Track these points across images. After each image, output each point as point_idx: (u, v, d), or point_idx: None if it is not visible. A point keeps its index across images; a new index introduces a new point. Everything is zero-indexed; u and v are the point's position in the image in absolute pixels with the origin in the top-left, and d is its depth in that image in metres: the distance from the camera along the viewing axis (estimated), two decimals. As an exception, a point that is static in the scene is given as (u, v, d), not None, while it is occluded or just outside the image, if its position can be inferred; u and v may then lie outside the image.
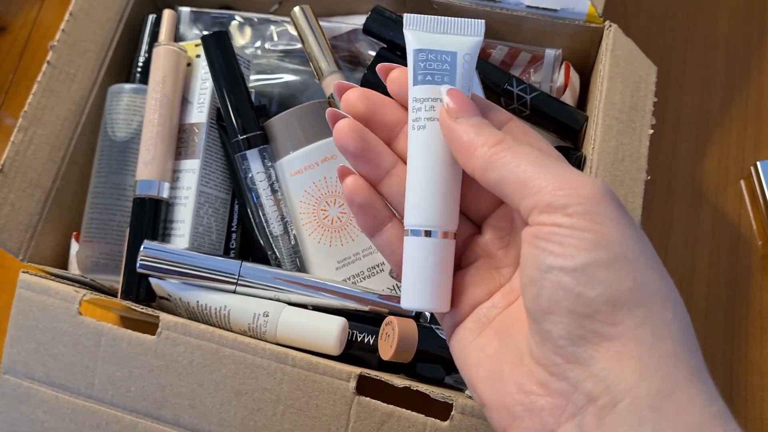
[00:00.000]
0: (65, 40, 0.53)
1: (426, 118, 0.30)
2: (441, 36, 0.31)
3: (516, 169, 0.27)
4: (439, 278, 0.30)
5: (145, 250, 0.45)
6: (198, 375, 0.43)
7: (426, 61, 0.31)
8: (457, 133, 0.29)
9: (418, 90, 0.31)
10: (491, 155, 0.28)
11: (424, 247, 0.30)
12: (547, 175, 0.26)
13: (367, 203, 0.32)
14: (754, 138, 0.61)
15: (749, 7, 0.67)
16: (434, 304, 0.31)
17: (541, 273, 0.26)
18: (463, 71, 0.31)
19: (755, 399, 0.53)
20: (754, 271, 0.57)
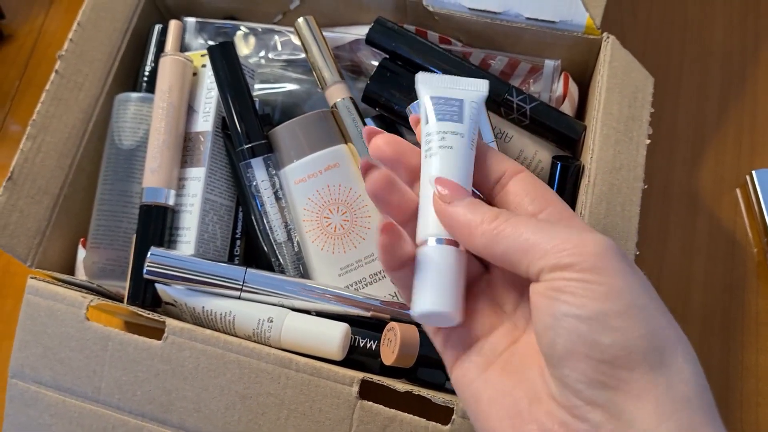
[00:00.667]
0: (73, 49, 0.54)
1: (438, 147, 0.33)
2: (450, 89, 0.35)
3: (518, 239, 0.28)
4: (451, 283, 0.31)
5: (152, 257, 0.46)
6: (203, 379, 0.44)
7: (437, 105, 0.34)
8: (454, 215, 0.31)
9: (429, 126, 0.34)
10: (491, 230, 0.29)
11: (437, 254, 0.31)
12: (549, 239, 0.28)
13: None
14: (750, 147, 0.62)
15: (744, 18, 0.68)
16: (446, 307, 0.31)
17: (556, 320, 0.27)
18: (471, 114, 0.34)
19: (750, 404, 0.53)
20: (749, 278, 0.58)
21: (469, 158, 0.33)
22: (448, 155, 0.33)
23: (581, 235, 0.28)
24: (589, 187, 0.47)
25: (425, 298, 0.31)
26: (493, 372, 0.31)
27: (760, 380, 0.54)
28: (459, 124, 0.34)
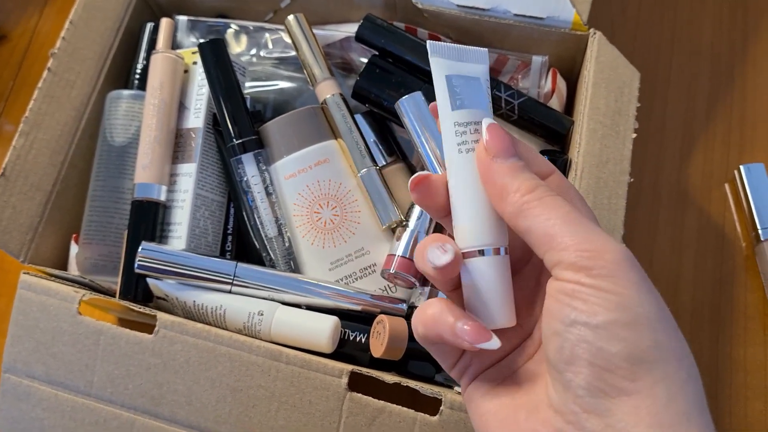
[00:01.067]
0: (65, 47, 0.55)
1: (473, 141, 0.31)
2: (464, 65, 0.33)
3: (545, 222, 0.28)
4: (501, 295, 0.30)
5: (143, 251, 0.47)
6: (194, 373, 0.44)
7: (460, 87, 0.32)
8: (493, 173, 0.30)
9: (459, 114, 0.31)
10: (522, 203, 0.29)
11: (480, 266, 0.30)
12: (574, 234, 0.27)
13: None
14: (738, 142, 0.63)
15: (732, 15, 0.68)
16: (500, 321, 0.30)
17: (565, 326, 0.27)
18: (487, 93, 0.32)
19: (739, 397, 0.54)
20: (738, 272, 0.58)
21: None
22: None
23: (606, 241, 0.27)
24: (576, 180, 0.47)
25: (484, 316, 0.30)
26: (504, 386, 0.31)
27: (749, 374, 0.54)
28: (482, 110, 0.32)
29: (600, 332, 0.26)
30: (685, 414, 0.25)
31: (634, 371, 0.26)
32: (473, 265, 0.31)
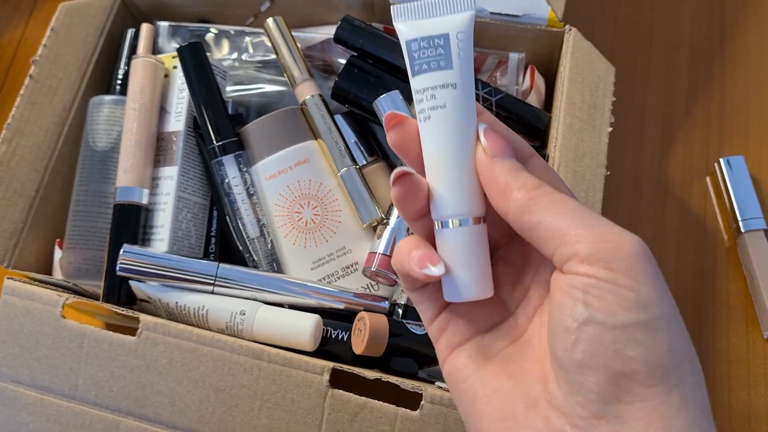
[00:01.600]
0: (47, 54, 0.55)
1: (430, 108, 0.29)
2: (431, 20, 0.30)
3: (555, 216, 0.27)
4: (478, 265, 0.30)
5: (124, 254, 0.47)
6: (177, 373, 0.45)
7: (419, 50, 0.30)
8: (494, 173, 0.29)
9: (417, 81, 0.30)
10: (528, 199, 0.28)
11: (457, 236, 0.29)
12: (587, 226, 0.26)
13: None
14: (718, 135, 0.63)
15: (710, 10, 0.69)
16: (477, 292, 0.30)
17: (579, 324, 0.25)
18: (459, 51, 0.29)
19: (723, 387, 0.54)
20: (719, 264, 0.58)
21: (470, 112, 0.30)
22: (441, 118, 0.29)
23: (621, 233, 0.26)
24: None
25: (452, 287, 0.30)
26: (490, 370, 0.30)
27: (732, 364, 0.55)
28: (447, 71, 0.29)
29: (618, 334, 0.25)
30: (696, 420, 0.25)
31: (651, 377, 0.25)
32: (449, 235, 0.30)
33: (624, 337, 0.25)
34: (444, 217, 0.30)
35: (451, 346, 0.31)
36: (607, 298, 0.25)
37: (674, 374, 0.25)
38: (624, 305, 0.25)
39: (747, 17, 0.68)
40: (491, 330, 0.31)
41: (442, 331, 0.32)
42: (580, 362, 0.25)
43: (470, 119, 0.29)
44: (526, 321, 0.31)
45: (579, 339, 0.25)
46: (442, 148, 0.29)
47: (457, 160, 0.29)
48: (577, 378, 0.26)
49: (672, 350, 0.25)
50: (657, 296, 0.25)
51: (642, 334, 0.25)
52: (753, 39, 0.67)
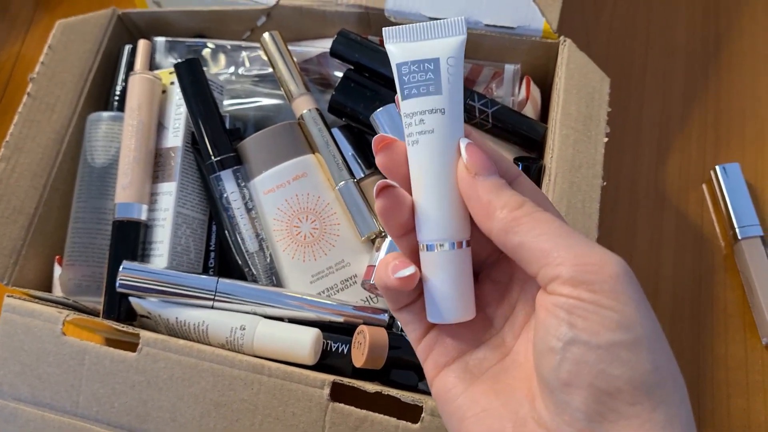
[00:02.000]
0: (44, 72, 0.55)
1: (418, 133, 0.30)
2: (422, 43, 0.31)
3: (538, 237, 0.27)
4: (461, 288, 0.30)
5: (124, 270, 0.47)
6: (178, 389, 0.45)
7: (409, 74, 0.30)
8: (476, 191, 0.29)
9: (406, 105, 0.30)
10: (511, 219, 0.28)
11: (441, 259, 0.30)
12: (570, 248, 0.27)
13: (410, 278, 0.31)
14: (714, 143, 0.64)
15: (705, 17, 0.69)
16: (460, 314, 0.30)
17: (564, 344, 0.26)
18: (449, 76, 0.30)
19: (722, 394, 0.54)
20: (717, 271, 0.59)
21: (456, 136, 0.30)
22: (429, 143, 0.30)
23: (604, 254, 0.27)
24: (550, 185, 0.48)
25: (435, 308, 0.30)
26: (479, 389, 0.30)
27: (730, 371, 0.55)
28: (437, 96, 0.30)
29: (602, 354, 0.25)
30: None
31: (635, 395, 0.25)
32: (433, 257, 0.30)
33: (608, 356, 0.25)
34: (428, 239, 0.30)
35: (438, 366, 0.32)
36: (591, 319, 0.26)
37: (658, 392, 0.25)
38: (607, 326, 0.25)
39: (742, 24, 0.69)
40: (478, 348, 0.32)
41: (429, 351, 0.32)
42: (565, 381, 0.26)
43: (456, 145, 0.30)
44: (512, 338, 0.31)
45: (564, 359, 0.26)
46: (429, 172, 0.30)
47: (443, 184, 0.30)
48: (563, 397, 0.26)
49: (656, 368, 0.25)
50: (640, 316, 0.26)
51: (626, 353, 0.25)
52: (748, 46, 0.68)
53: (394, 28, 0.31)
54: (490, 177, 0.29)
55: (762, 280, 0.56)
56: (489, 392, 0.30)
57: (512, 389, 0.29)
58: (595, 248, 0.27)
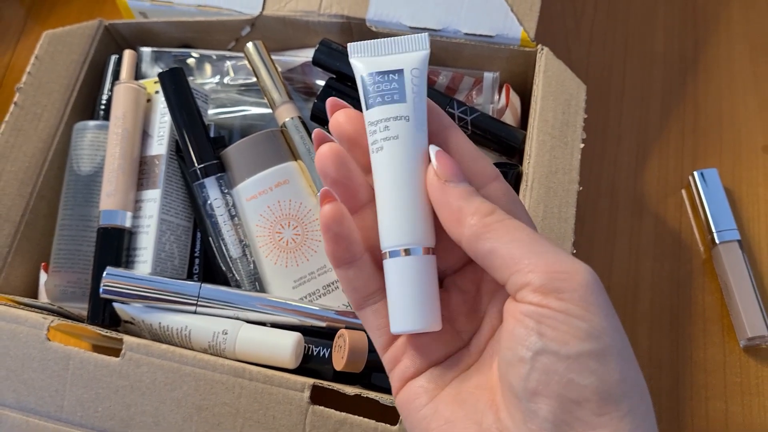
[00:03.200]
0: (31, 82, 0.56)
1: (382, 139, 0.30)
2: (386, 57, 0.31)
3: (509, 244, 0.27)
4: (425, 296, 0.30)
5: (107, 276, 0.48)
6: (160, 393, 0.45)
7: (374, 84, 0.31)
8: (446, 197, 0.29)
9: (370, 114, 0.30)
10: (482, 226, 0.28)
11: (405, 266, 0.30)
12: (541, 255, 0.27)
13: (344, 234, 0.30)
14: (692, 149, 0.65)
15: (683, 26, 0.71)
16: (424, 323, 0.30)
17: (533, 354, 0.26)
18: (413, 86, 0.30)
19: (700, 397, 0.55)
20: (696, 275, 0.60)
21: (421, 144, 0.30)
22: (394, 149, 0.30)
23: (574, 263, 0.27)
24: (527, 191, 0.49)
25: (401, 318, 0.30)
26: (442, 400, 0.30)
27: (709, 374, 0.56)
28: (401, 104, 0.30)
29: (571, 364, 0.25)
30: None
31: (602, 405, 0.25)
32: (397, 265, 0.30)
33: (577, 366, 0.25)
34: (392, 246, 0.30)
35: (405, 377, 0.31)
36: (560, 329, 0.26)
37: (626, 403, 0.26)
38: (577, 335, 0.25)
39: (719, 33, 0.70)
40: (446, 359, 0.31)
41: (395, 362, 0.32)
42: (534, 391, 0.26)
43: (422, 151, 0.30)
44: (478, 351, 0.31)
45: (533, 368, 0.26)
46: (393, 177, 0.30)
47: (407, 189, 0.30)
48: (530, 406, 0.26)
49: (623, 379, 0.26)
50: (609, 326, 0.26)
51: (594, 363, 0.25)
52: (724, 53, 0.69)
53: (358, 43, 0.32)
54: (460, 184, 0.29)
55: (739, 284, 0.57)
56: (453, 403, 0.30)
57: (476, 399, 0.29)
58: (567, 257, 0.27)
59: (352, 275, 0.31)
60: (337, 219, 0.30)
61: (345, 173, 0.30)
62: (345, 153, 0.30)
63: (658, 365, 0.56)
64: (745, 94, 0.67)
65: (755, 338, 0.55)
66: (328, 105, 0.32)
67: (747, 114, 0.66)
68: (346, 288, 0.32)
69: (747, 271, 0.57)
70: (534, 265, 0.26)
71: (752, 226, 0.61)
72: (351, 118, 0.31)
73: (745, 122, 0.66)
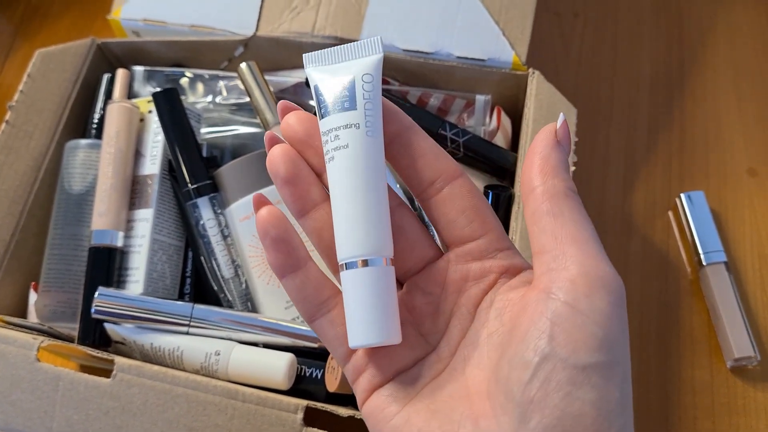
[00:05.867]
0: (23, 100, 0.56)
1: (333, 149, 0.29)
2: (340, 65, 0.31)
3: (569, 223, 0.27)
4: (384, 308, 0.28)
5: (99, 297, 0.48)
6: (152, 414, 0.45)
7: (326, 92, 0.30)
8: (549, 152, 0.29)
9: (323, 123, 0.30)
10: (559, 192, 0.28)
11: (362, 277, 0.28)
12: (588, 252, 0.27)
13: (283, 238, 0.29)
14: (679, 171, 0.66)
15: (669, 51, 0.72)
16: (383, 336, 0.28)
17: (540, 359, 0.25)
18: (364, 92, 0.30)
19: (688, 417, 0.55)
20: (683, 296, 0.60)
21: (374, 151, 0.29)
22: (345, 158, 0.29)
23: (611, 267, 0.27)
24: (519, 213, 0.49)
25: (359, 331, 0.29)
26: (415, 409, 0.29)
27: (697, 394, 0.56)
28: (351, 112, 0.29)
29: (575, 374, 0.25)
30: None
31: (598, 422, 0.25)
32: (354, 276, 0.29)
33: (580, 378, 0.25)
34: (348, 257, 0.29)
35: (372, 386, 0.30)
36: (574, 335, 0.25)
37: (619, 421, 0.25)
38: (589, 344, 0.25)
39: (704, 56, 0.71)
40: (413, 366, 0.30)
41: (360, 372, 0.30)
42: (531, 399, 0.25)
43: (375, 158, 0.29)
44: (449, 354, 0.30)
45: (535, 376, 0.25)
46: (346, 187, 0.29)
47: (360, 199, 0.29)
48: (524, 413, 0.25)
49: (621, 399, 0.25)
50: (622, 341, 0.26)
51: (598, 377, 0.25)
52: (710, 77, 0.70)
53: (313, 53, 0.31)
54: (564, 152, 0.29)
55: (726, 305, 0.57)
56: (425, 411, 0.28)
57: (450, 408, 0.28)
58: (607, 260, 0.27)
59: (300, 283, 0.30)
60: (274, 222, 0.29)
61: (295, 173, 0.30)
62: (295, 153, 0.30)
63: (646, 385, 0.57)
64: (730, 117, 0.68)
65: (742, 359, 0.56)
66: (280, 108, 0.31)
67: (732, 137, 0.67)
68: (295, 299, 0.30)
69: (734, 292, 0.58)
70: (578, 257, 0.26)
71: (738, 247, 0.62)
72: (302, 120, 0.30)
73: (730, 145, 0.67)
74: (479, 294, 0.30)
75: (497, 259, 0.30)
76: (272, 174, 0.30)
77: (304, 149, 0.30)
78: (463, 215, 0.30)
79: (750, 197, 0.64)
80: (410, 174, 0.31)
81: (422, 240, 0.31)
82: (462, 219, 0.30)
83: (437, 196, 0.30)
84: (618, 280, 0.26)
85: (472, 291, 0.30)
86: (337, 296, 0.31)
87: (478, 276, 0.30)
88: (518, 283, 0.30)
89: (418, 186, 0.31)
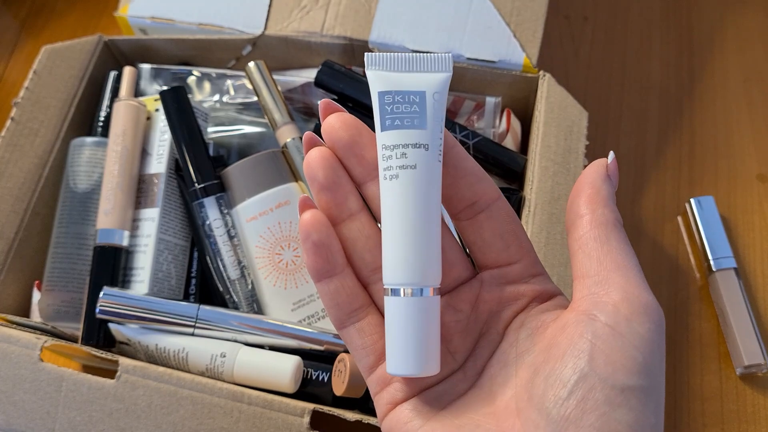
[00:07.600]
0: (29, 97, 0.56)
1: (398, 167, 0.28)
2: (407, 75, 0.29)
3: (614, 251, 0.27)
4: (428, 340, 0.28)
5: (104, 296, 0.47)
6: (156, 417, 0.45)
7: (393, 104, 0.28)
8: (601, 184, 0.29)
9: (386, 137, 0.28)
10: (607, 221, 0.28)
11: (409, 307, 0.28)
12: (631, 280, 0.27)
13: (324, 243, 0.29)
14: (688, 176, 0.65)
15: (679, 56, 0.72)
16: (424, 369, 0.28)
17: (578, 378, 0.25)
18: (434, 111, 0.28)
19: (697, 424, 0.55)
20: (692, 302, 0.60)
21: (437, 175, 0.28)
22: (411, 179, 0.28)
23: (652, 296, 0.27)
24: (529, 216, 0.49)
25: (399, 360, 0.28)
26: (440, 424, 0.28)
27: (706, 401, 0.56)
28: (421, 131, 0.28)
29: (615, 396, 0.25)
30: None
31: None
32: (399, 304, 0.28)
33: (618, 399, 0.25)
34: (395, 283, 0.28)
35: (396, 401, 0.30)
36: (614, 357, 0.25)
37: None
38: (629, 366, 0.25)
39: (714, 62, 0.71)
40: (440, 383, 0.30)
41: (384, 385, 0.30)
42: (567, 417, 0.25)
43: (437, 183, 0.28)
44: (475, 373, 0.30)
45: (573, 394, 0.25)
46: (407, 209, 0.28)
47: (421, 224, 0.28)
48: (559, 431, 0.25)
49: (656, 423, 0.25)
50: (660, 366, 0.26)
51: (636, 401, 0.25)
52: (720, 83, 0.70)
53: (377, 54, 0.30)
54: (615, 188, 0.30)
55: (736, 311, 0.57)
56: (450, 427, 0.28)
57: (476, 424, 0.28)
58: (648, 289, 0.27)
59: (334, 289, 0.30)
60: (317, 227, 0.29)
61: (334, 179, 0.29)
62: (335, 159, 0.29)
63: (656, 392, 0.56)
64: (740, 122, 0.68)
65: (752, 366, 0.55)
66: (322, 107, 0.29)
67: (742, 142, 0.67)
68: (327, 304, 0.30)
69: (743, 299, 0.57)
70: (621, 284, 0.27)
71: (748, 253, 0.61)
72: (347, 125, 0.29)
73: (740, 150, 0.66)
74: (510, 315, 0.31)
75: (531, 284, 0.31)
76: (309, 178, 0.29)
77: (347, 156, 0.29)
78: (501, 239, 0.30)
79: (760, 203, 0.64)
80: (450, 194, 0.30)
81: (460, 261, 0.31)
82: (499, 243, 0.30)
83: (475, 218, 0.30)
84: (659, 310, 0.27)
85: (503, 312, 0.30)
86: (369, 306, 0.30)
87: (511, 299, 0.31)
88: (551, 306, 0.30)
89: (457, 206, 0.30)
